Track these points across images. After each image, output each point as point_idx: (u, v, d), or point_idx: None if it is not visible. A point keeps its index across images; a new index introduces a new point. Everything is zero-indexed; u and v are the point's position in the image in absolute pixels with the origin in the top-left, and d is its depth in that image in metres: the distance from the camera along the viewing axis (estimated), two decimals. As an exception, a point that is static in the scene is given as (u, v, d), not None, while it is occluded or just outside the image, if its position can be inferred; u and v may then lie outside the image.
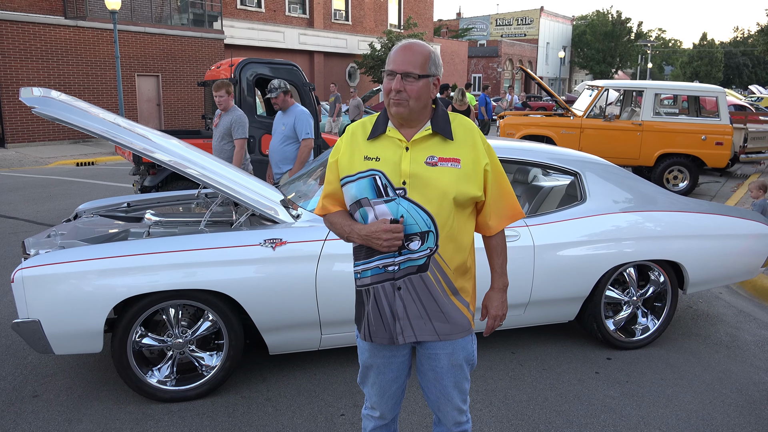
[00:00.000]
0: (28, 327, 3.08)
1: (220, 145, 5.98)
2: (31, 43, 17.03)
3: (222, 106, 5.92)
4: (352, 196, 2.03)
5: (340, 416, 3.27)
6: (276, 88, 5.58)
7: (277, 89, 5.58)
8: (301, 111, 5.64)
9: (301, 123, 5.58)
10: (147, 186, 7.19)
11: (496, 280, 2.19)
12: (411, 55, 1.93)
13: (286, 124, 5.64)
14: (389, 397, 2.23)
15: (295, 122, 5.59)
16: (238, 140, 5.82)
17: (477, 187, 2.01)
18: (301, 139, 5.58)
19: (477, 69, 45.61)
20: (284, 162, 5.69)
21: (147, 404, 3.35)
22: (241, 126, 5.83)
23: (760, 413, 3.39)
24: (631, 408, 3.41)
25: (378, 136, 2.02)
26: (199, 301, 3.30)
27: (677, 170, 10.33)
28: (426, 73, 1.94)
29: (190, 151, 3.85)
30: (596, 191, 4.05)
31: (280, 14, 26.17)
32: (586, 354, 4.09)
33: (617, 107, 12.00)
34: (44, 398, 3.41)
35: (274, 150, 5.76)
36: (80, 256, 3.15)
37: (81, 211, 4.50)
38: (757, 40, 36.15)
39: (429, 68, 1.95)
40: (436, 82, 1.98)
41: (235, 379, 3.65)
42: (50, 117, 3.23)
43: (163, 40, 20.05)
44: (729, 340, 4.39)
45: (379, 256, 2.01)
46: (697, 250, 4.14)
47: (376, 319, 2.07)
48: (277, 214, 3.53)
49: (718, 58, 64.14)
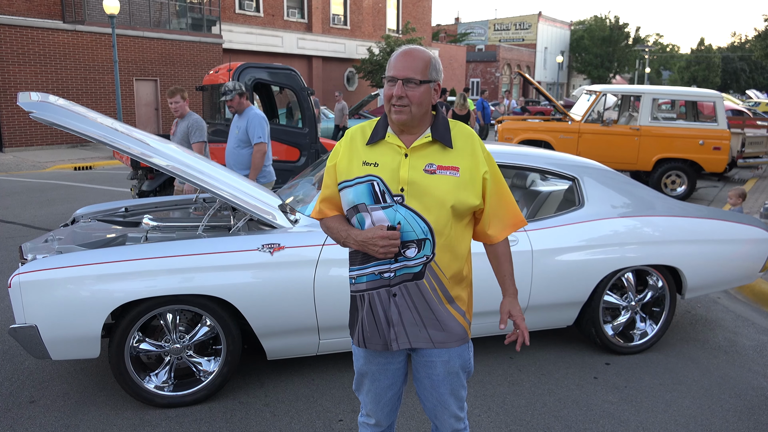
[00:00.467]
0: (25, 332, 3.07)
1: None
2: (30, 48, 17.03)
3: (178, 113, 5.71)
4: (350, 201, 2.02)
5: (338, 422, 3.26)
6: (231, 90, 5.37)
7: (232, 91, 5.37)
8: (255, 114, 5.43)
9: (253, 127, 5.36)
10: (145, 191, 7.18)
11: (510, 287, 2.15)
12: (412, 61, 1.93)
13: (239, 128, 5.45)
14: (385, 404, 2.21)
15: (247, 126, 5.39)
16: (196, 144, 5.60)
17: (475, 196, 2.00)
18: (253, 143, 5.37)
19: (475, 74, 45.70)
20: (240, 167, 5.46)
21: (144, 410, 3.33)
22: (198, 129, 5.63)
23: (758, 418, 3.38)
24: (629, 413, 3.40)
25: (377, 142, 2.01)
26: (197, 306, 3.29)
27: (675, 175, 10.34)
28: (427, 78, 1.94)
29: (188, 155, 3.85)
30: (594, 196, 4.05)
31: (279, 19, 26.21)
32: (585, 359, 4.08)
33: (615, 112, 12.03)
34: (41, 404, 3.40)
35: (228, 154, 5.58)
36: (78, 261, 3.14)
37: (79, 215, 4.49)
38: (754, 45, 36.30)
39: (430, 74, 1.94)
40: (437, 88, 1.98)
41: (232, 384, 3.64)
42: (48, 122, 3.23)
43: (161, 45, 20.07)
44: (727, 345, 4.39)
45: (375, 263, 2.00)
46: (696, 254, 4.14)
47: (370, 325, 2.06)
48: (275, 219, 3.53)
49: (715, 63, 64.34)
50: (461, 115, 11.95)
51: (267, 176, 5.61)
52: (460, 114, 11.92)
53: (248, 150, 5.46)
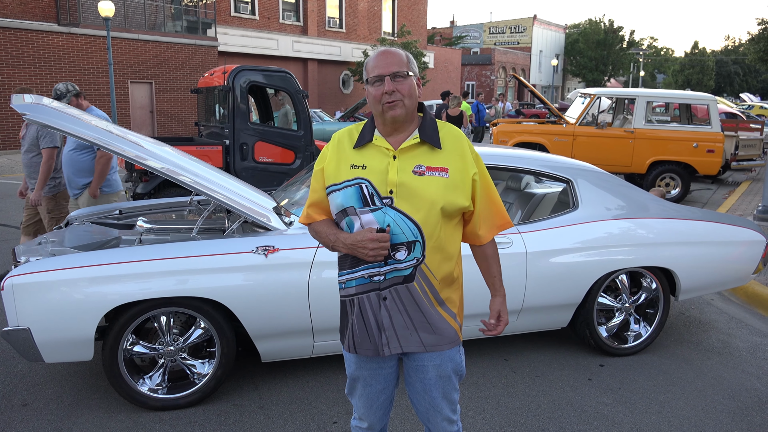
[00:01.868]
0: (18, 335, 3.05)
1: (29, 158, 5.16)
2: (24, 50, 17.00)
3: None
4: (338, 205, 2.00)
5: (333, 424, 3.25)
6: (65, 92, 4.97)
7: (67, 93, 4.97)
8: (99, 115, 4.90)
9: None
10: (139, 193, 7.16)
11: (499, 288, 2.17)
12: (393, 57, 1.95)
13: None
14: (377, 408, 2.20)
15: None
16: (46, 150, 5.00)
17: (465, 197, 1.99)
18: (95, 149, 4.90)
19: (470, 77, 45.80)
20: (79, 174, 4.99)
21: (138, 412, 3.32)
22: (48, 134, 5.04)
23: (751, 419, 3.40)
24: (623, 414, 3.41)
25: (365, 145, 2.01)
26: (191, 308, 3.28)
27: (669, 177, 10.38)
28: (411, 71, 1.96)
29: (183, 158, 3.84)
30: (588, 198, 4.06)
31: (274, 21, 26.23)
32: (579, 361, 4.09)
33: (609, 115, 12.07)
34: (34, 407, 3.38)
35: (65, 160, 5.04)
36: (71, 263, 3.13)
37: (72, 218, 4.47)
38: (748, 49, 36.47)
39: (411, 67, 1.97)
40: (418, 82, 2.00)
41: (227, 387, 3.63)
42: (42, 124, 3.22)
43: (156, 47, 20.05)
44: (721, 346, 4.40)
45: (364, 266, 1.99)
46: (689, 256, 4.16)
47: (360, 330, 2.04)
48: (269, 222, 3.52)
49: (709, 66, 64.65)
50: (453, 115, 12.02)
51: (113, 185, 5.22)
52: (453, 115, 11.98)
53: (88, 155, 4.97)
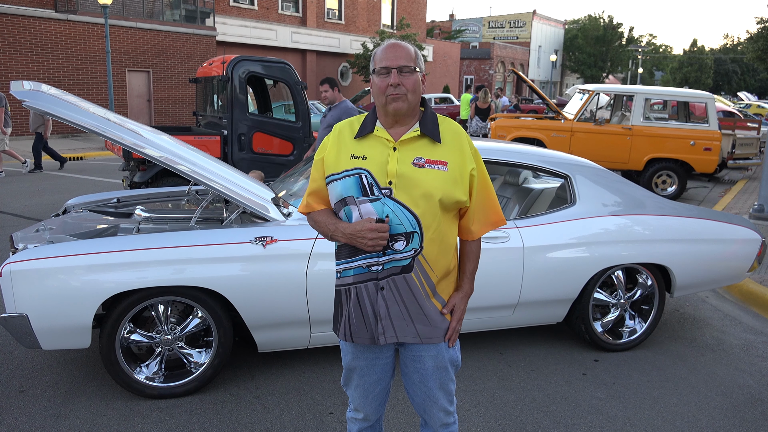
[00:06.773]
0: (16, 322, 3.06)
1: None
2: (21, 37, 16.89)
3: None
4: (338, 195, 2.01)
5: (329, 414, 3.27)
6: None
7: None
8: None
9: None
10: (137, 182, 7.14)
11: (465, 284, 2.14)
12: (402, 50, 1.96)
13: None
14: (373, 398, 2.21)
15: None
16: None
17: (462, 192, 2.00)
18: None
19: (469, 71, 45.72)
20: None
21: (135, 401, 3.33)
22: None
23: (743, 416, 3.43)
24: (617, 409, 3.44)
25: (366, 135, 2.02)
26: (189, 297, 3.28)
27: (666, 175, 10.41)
28: (417, 67, 1.97)
29: (181, 147, 3.84)
30: (586, 194, 4.07)
31: (273, 12, 26.12)
32: (574, 355, 4.11)
33: (608, 111, 12.09)
34: (30, 393, 3.39)
35: None
36: (69, 251, 3.13)
37: (70, 206, 4.47)
38: (746, 48, 36.52)
39: (418, 63, 1.98)
40: (423, 79, 2.01)
41: (223, 376, 3.64)
42: (41, 111, 3.21)
43: (154, 36, 19.96)
44: (715, 343, 4.43)
45: (362, 256, 1.99)
46: (685, 253, 4.18)
47: (357, 319, 2.05)
48: (268, 212, 3.53)
49: (707, 64, 64.71)
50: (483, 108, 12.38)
51: None
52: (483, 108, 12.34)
53: None
